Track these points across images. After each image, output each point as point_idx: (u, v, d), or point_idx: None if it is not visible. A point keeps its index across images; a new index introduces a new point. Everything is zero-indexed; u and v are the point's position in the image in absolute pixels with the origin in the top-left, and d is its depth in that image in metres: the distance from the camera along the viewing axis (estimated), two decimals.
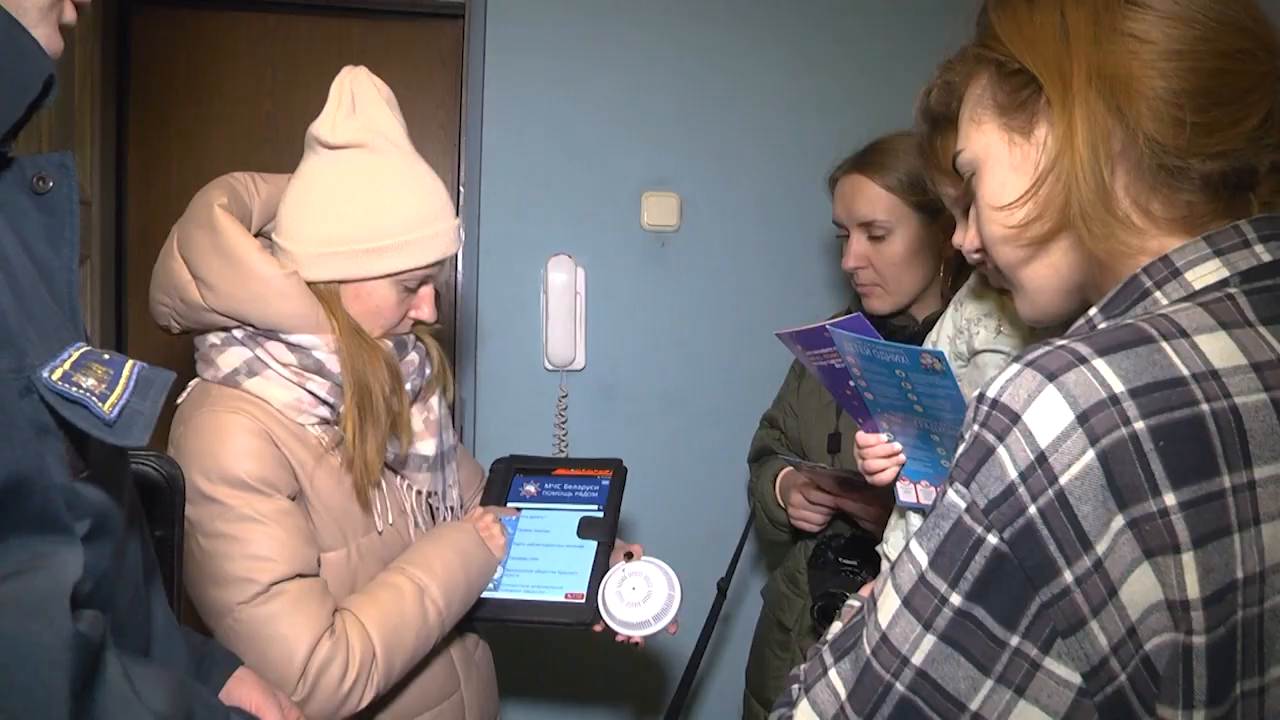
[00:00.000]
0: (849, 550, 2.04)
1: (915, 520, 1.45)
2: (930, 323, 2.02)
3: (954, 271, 2.07)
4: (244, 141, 3.01)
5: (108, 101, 2.84)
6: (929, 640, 0.88)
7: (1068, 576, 0.82)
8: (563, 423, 3.04)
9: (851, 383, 1.37)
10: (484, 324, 3.02)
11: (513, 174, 2.98)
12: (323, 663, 1.54)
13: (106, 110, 2.83)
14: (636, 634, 1.86)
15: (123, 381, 0.90)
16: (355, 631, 1.60)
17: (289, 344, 1.64)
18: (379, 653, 1.61)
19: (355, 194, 1.65)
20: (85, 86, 2.66)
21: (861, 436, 1.47)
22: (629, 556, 1.94)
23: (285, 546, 1.57)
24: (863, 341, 1.27)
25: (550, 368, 3.03)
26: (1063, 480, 0.82)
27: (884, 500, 1.96)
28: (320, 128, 1.66)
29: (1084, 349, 0.85)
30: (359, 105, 1.67)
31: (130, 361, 0.93)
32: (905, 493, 1.44)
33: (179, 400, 1.71)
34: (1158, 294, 0.94)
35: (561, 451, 3.03)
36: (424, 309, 1.78)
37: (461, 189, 3.00)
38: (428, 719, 1.81)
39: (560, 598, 1.90)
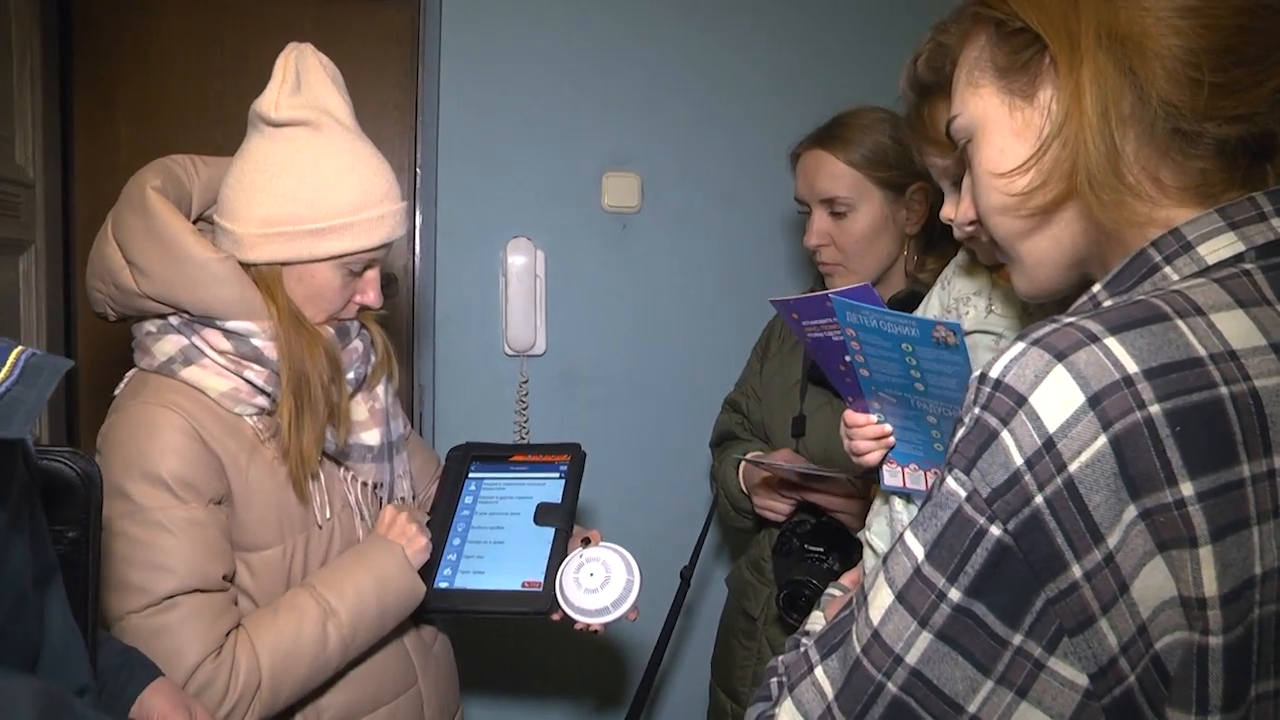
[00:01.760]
0: (814, 537, 2.00)
1: (899, 505, 1.40)
2: (897, 302, 2.01)
3: (919, 250, 2.05)
4: (195, 122, 2.92)
5: (49, 80, 2.74)
6: (925, 638, 0.82)
7: (1076, 571, 0.77)
8: (524, 409, 2.98)
9: (847, 357, 1.31)
10: (442, 309, 2.96)
11: (470, 156, 2.92)
12: (202, 685, 1.48)
13: (49, 89, 2.73)
14: (595, 621, 1.81)
15: (6, 368, 0.83)
16: (245, 655, 1.54)
17: (225, 331, 1.60)
18: (265, 680, 1.55)
19: (299, 173, 1.60)
20: (24, 64, 2.57)
21: (850, 415, 1.41)
22: (586, 542, 1.90)
23: (188, 560, 1.52)
24: (870, 312, 1.21)
25: (510, 353, 2.97)
26: (1072, 468, 0.76)
27: (849, 491, 1.94)
28: (263, 104, 1.61)
29: (1095, 326, 0.79)
30: (304, 82, 1.63)
31: (19, 347, 0.86)
32: (891, 476, 1.38)
33: (117, 390, 1.66)
34: (1167, 269, 0.88)
35: (523, 438, 2.98)
36: (369, 294, 1.74)
37: (419, 171, 2.95)
38: (384, 714, 1.77)
39: (517, 586, 1.85)
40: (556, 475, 2.03)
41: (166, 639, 1.48)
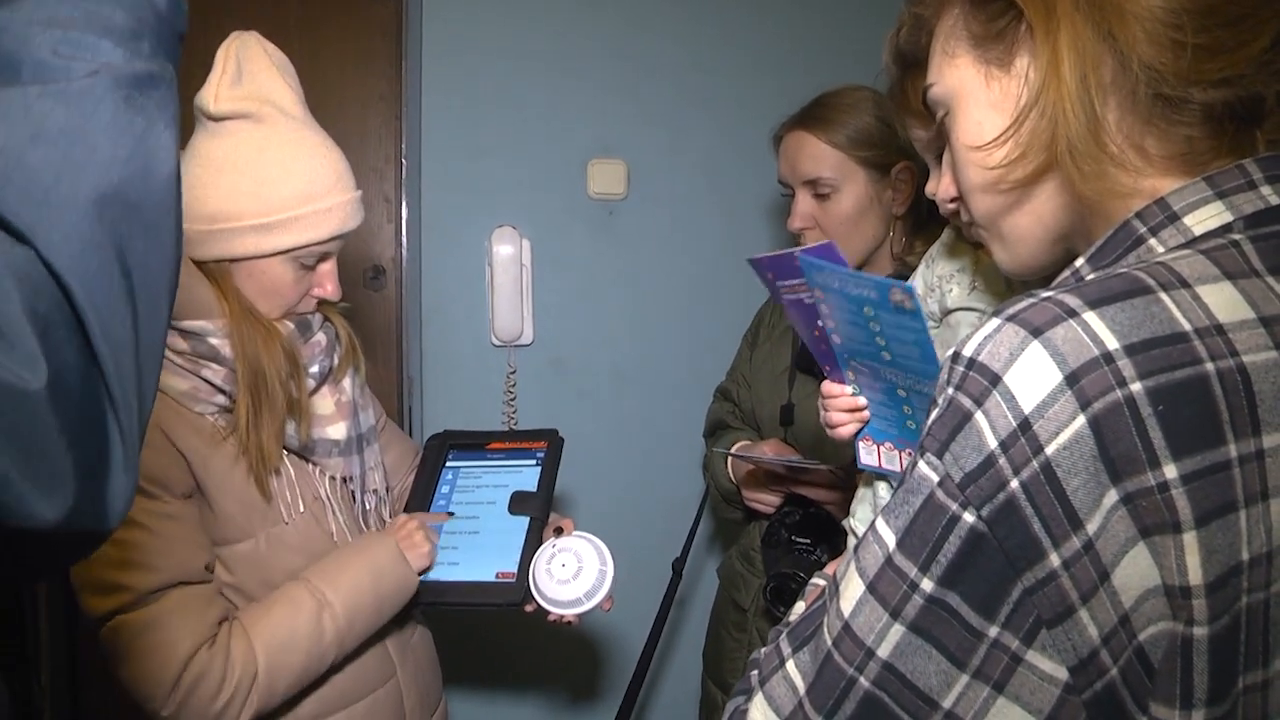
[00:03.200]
0: (802, 528, 1.98)
1: (883, 491, 1.37)
2: None
3: (906, 231, 2.02)
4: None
5: None
6: (897, 630, 0.79)
7: (1054, 559, 0.73)
8: (511, 399, 2.95)
9: (820, 322, 1.28)
10: (428, 300, 2.93)
11: (454, 145, 2.89)
12: (197, 676, 1.47)
13: None
14: (568, 612, 1.79)
15: None
16: (240, 645, 1.52)
17: (181, 331, 1.57)
18: (261, 671, 1.53)
19: (241, 167, 1.56)
20: None
21: (827, 386, 1.38)
22: (559, 532, 1.87)
23: (167, 553, 1.50)
24: (831, 272, 1.17)
25: (498, 343, 2.94)
26: (1049, 450, 0.72)
27: (836, 481, 1.92)
28: (203, 98, 1.59)
29: (1073, 301, 0.75)
30: (245, 72, 1.60)
31: None
32: (867, 454, 1.35)
33: None
34: (1152, 241, 0.84)
35: (511, 429, 2.94)
36: (326, 286, 1.70)
37: (404, 161, 2.90)
38: (362, 707, 1.75)
39: (491, 577, 1.82)
40: (533, 463, 2.00)
41: (158, 632, 1.46)
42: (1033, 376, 0.73)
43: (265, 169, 1.57)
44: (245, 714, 1.52)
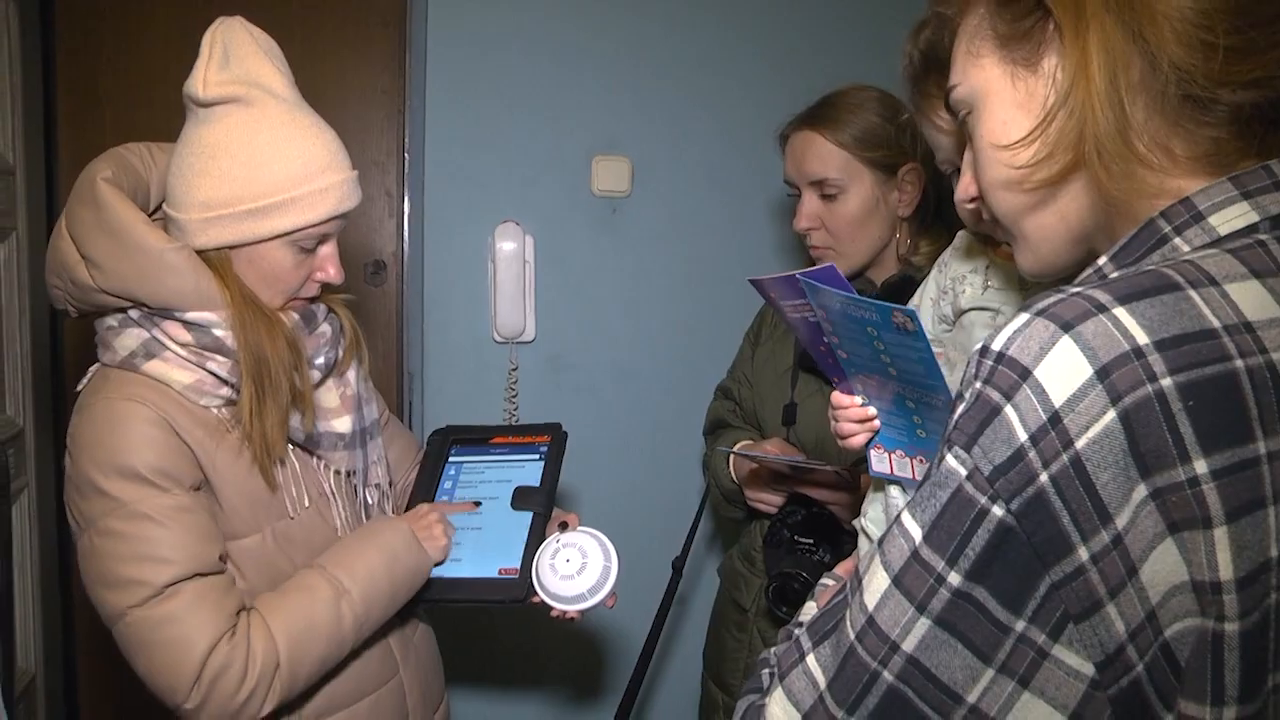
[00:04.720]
0: (805, 528, 1.97)
1: (895, 491, 1.37)
2: (890, 286, 1.98)
3: (912, 233, 2.01)
4: (180, 108, 2.87)
5: (30, 66, 2.70)
6: (922, 624, 0.79)
7: (1083, 554, 0.73)
8: (513, 396, 2.95)
9: (825, 339, 1.28)
10: (430, 295, 2.93)
11: (458, 139, 2.88)
12: (219, 668, 1.46)
13: (30, 74, 2.69)
14: (572, 608, 1.78)
15: None
16: (259, 635, 1.52)
17: (185, 322, 1.56)
18: (283, 660, 1.53)
19: (233, 152, 1.55)
20: (2, 46, 2.52)
21: (836, 397, 1.38)
22: (564, 527, 1.86)
23: (181, 546, 1.49)
24: (833, 295, 1.18)
25: (499, 339, 2.94)
26: (1079, 444, 0.73)
27: (840, 481, 1.92)
28: (191, 85, 1.57)
29: (1102, 296, 0.76)
30: (232, 56, 1.58)
31: None
32: (879, 461, 1.35)
33: (79, 387, 1.62)
34: (1177, 240, 0.85)
35: None
36: (328, 269, 1.69)
37: (406, 155, 2.90)
38: (366, 705, 1.74)
39: (493, 573, 1.81)
40: (536, 457, 1.98)
41: (174, 627, 1.46)
42: (1063, 370, 0.74)
43: (257, 152, 1.55)
44: (268, 705, 1.51)
